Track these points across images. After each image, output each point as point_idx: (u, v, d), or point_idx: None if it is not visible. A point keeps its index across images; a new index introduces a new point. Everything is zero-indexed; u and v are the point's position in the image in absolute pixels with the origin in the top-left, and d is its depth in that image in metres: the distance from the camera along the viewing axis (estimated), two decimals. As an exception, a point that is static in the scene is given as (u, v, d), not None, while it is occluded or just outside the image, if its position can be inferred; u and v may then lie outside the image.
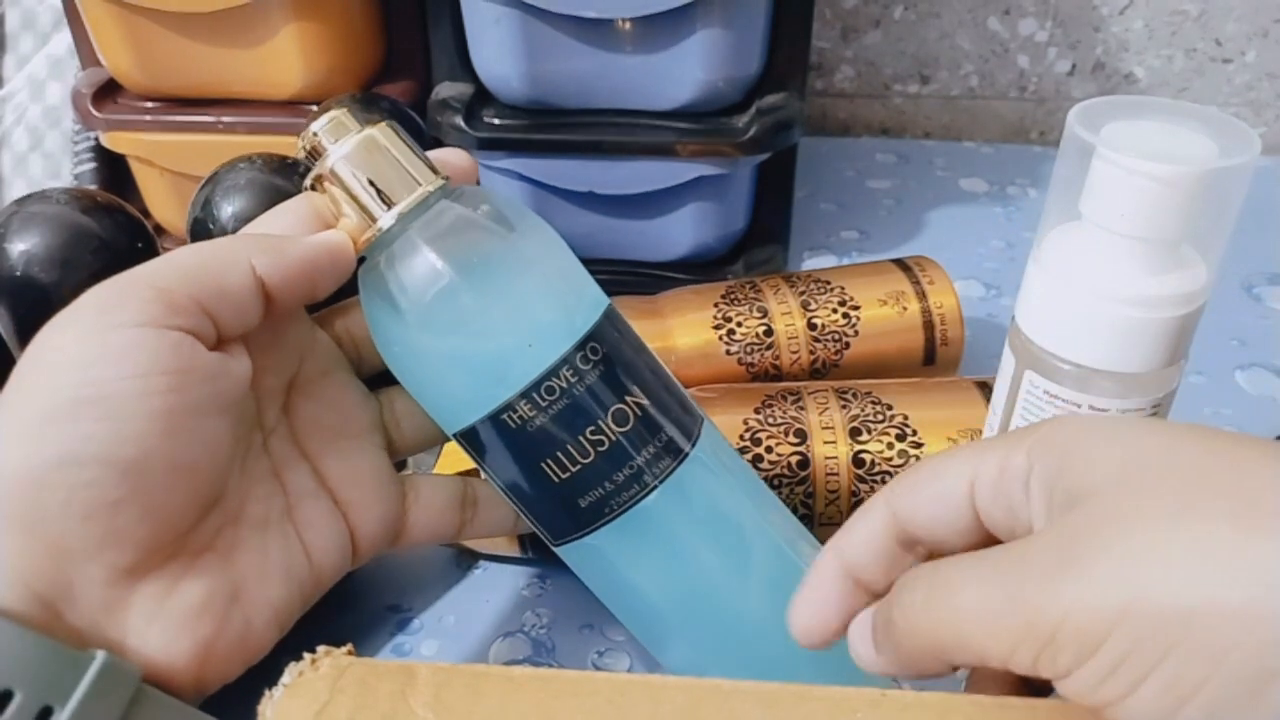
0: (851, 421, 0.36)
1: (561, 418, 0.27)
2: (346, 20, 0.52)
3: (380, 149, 0.28)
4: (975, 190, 0.64)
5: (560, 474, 0.27)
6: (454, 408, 0.28)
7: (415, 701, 0.20)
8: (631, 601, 0.30)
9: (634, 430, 0.27)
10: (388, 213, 0.28)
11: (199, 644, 0.26)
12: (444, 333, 0.27)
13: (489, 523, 0.34)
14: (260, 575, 0.28)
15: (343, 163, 0.28)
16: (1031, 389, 0.27)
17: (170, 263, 0.26)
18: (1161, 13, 0.66)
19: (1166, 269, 0.25)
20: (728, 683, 0.20)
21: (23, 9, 0.61)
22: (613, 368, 0.28)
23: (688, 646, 0.30)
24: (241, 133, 0.52)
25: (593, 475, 0.27)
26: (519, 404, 0.27)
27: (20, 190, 0.60)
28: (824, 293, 0.42)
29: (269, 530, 0.29)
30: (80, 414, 0.23)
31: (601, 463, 0.27)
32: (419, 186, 0.28)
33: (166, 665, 0.25)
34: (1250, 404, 0.45)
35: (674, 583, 0.29)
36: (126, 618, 0.25)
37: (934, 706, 0.19)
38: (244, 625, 0.27)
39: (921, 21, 0.69)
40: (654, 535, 0.28)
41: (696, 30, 0.45)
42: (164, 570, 0.25)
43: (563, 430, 0.27)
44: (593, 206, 0.50)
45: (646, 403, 0.28)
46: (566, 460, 0.27)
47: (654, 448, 0.28)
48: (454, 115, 0.48)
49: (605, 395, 0.27)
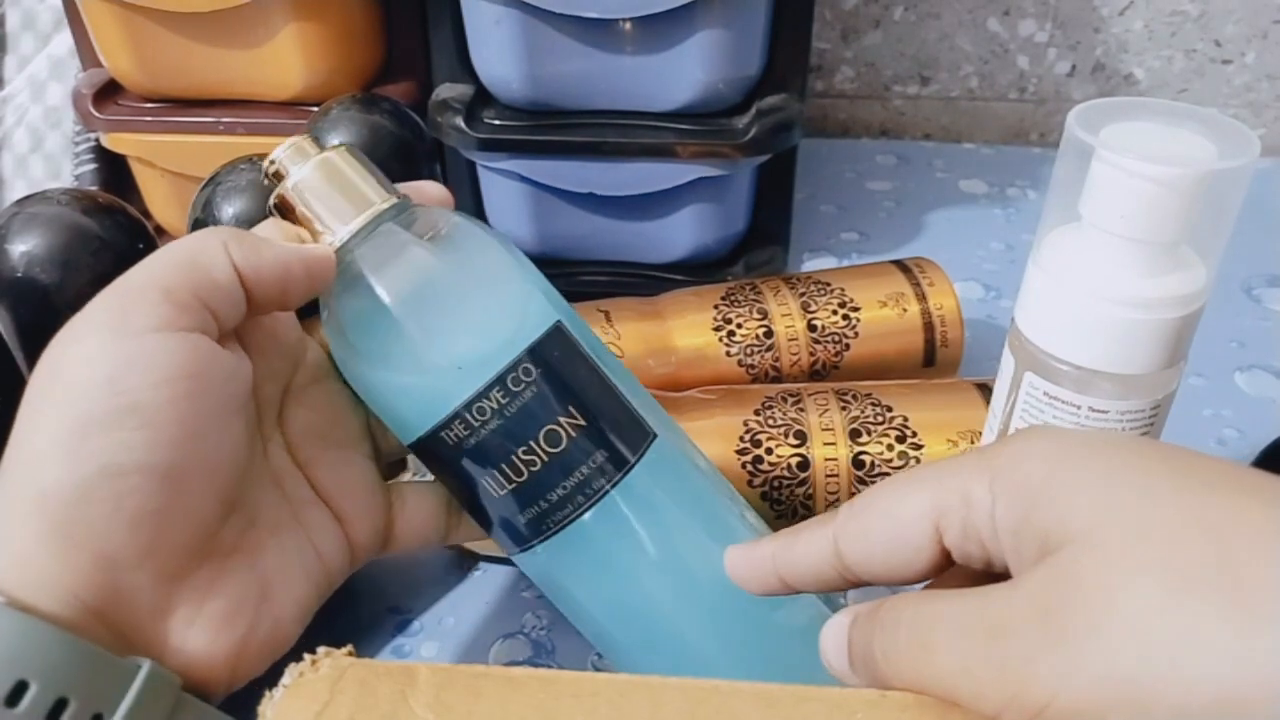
0: (851, 423, 0.36)
1: (494, 437, 0.28)
2: (347, 21, 0.52)
3: (336, 172, 0.29)
4: (975, 192, 0.64)
5: (498, 490, 0.28)
6: (398, 427, 0.29)
7: (415, 702, 0.20)
8: (580, 616, 0.31)
9: (567, 451, 0.28)
10: (336, 234, 0.29)
11: (235, 643, 0.26)
12: (376, 362, 0.28)
13: (474, 528, 0.34)
14: (284, 574, 0.28)
15: (299, 185, 0.29)
16: (1031, 390, 0.27)
17: (165, 262, 0.26)
18: (1161, 14, 0.66)
19: (1166, 270, 0.25)
20: (727, 683, 0.20)
21: (23, 9, 0.61)
22: (547, 388, 0.28)
23: (635, 664, 0.30)
24: (242, 134, 0.52)
25: (530, 492, 0.28)
26: (453, 424, 0.28)
27: (21, 191, 0.60)
28: (824, 294, 0.42)
29: (284, 532, 0.29)
30: (116, 423, 0.23)
31: (536, 481, 0.28)
32: (370, 206, 0.29)
33: (205, 666, 0.25)
34: (1250, 405, 0.45)
35: (615, 601, 0.29)
36: (169, 622, 0.25)
37: (934, 707, 0.19)
38: (274, 623, 0.28)
39: (921, 22, 0.69)
40: (590, 553, 0.29)
41: (696, 31, 0.45)
42: (200, 573, 0.26)
43: (496, 449, 0.28)
44: (593, 208, 0.50)
45: (583, 423, 0.28)
46: (502, 478, 0.28)
47: (587, 468, 0.28)
48: (454, 116, 0.48)
49: (540, 414, 0.28)
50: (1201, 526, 0.17)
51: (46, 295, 0.33)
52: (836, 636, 0.22)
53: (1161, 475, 0.18)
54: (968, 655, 0.18)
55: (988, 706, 0.18)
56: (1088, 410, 0.26)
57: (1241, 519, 0.17)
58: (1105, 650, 0.17)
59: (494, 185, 0.51)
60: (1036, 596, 0.18)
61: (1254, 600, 0.16)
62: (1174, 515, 0.17)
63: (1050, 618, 0.17)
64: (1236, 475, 0.18)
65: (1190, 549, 0.17)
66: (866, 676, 0.21)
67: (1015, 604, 0.18)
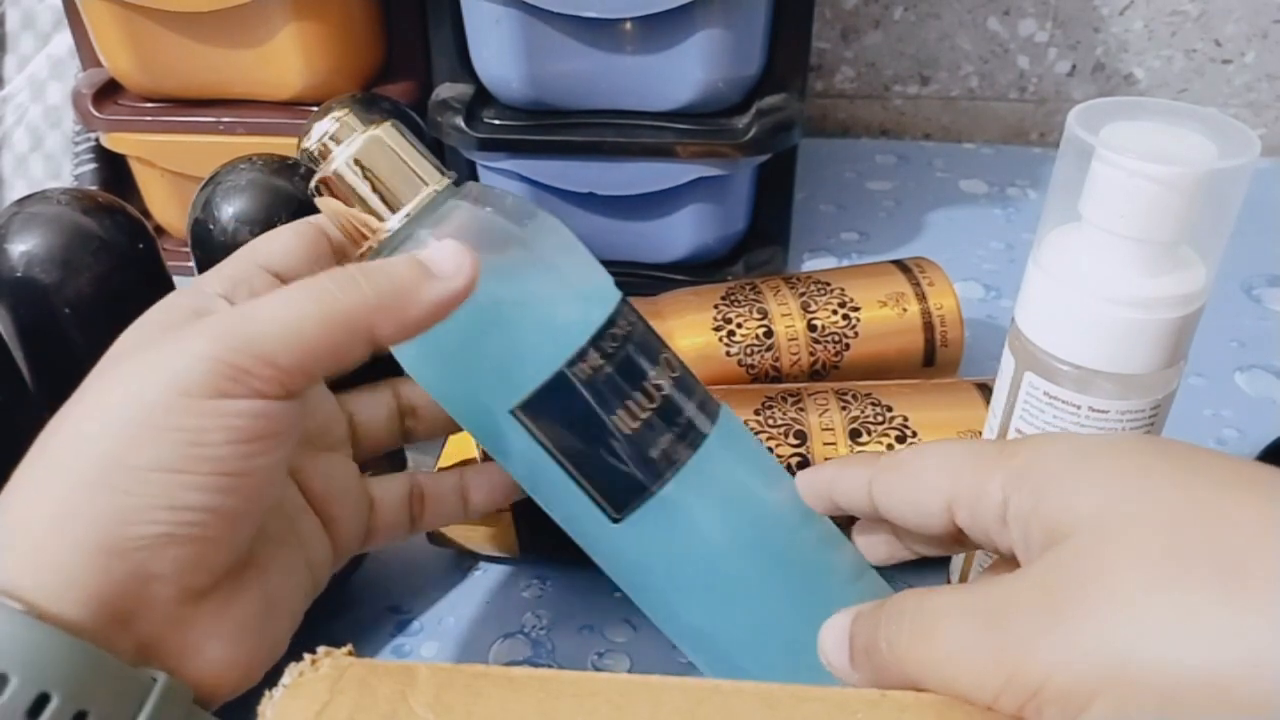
0: (852, 423, 0.36)
1: (625, 366, 0.27)
2: (347, 21, 0.52)
3: (385, 150, 0.27)
4: (975, 191, 0.64)
5: (631, 425, 0.27)
6: (513, 377, 0.27)
7: (415, 702, 0.20)
8: (701, 563, 0.29)
9: (679, 380, 0.28)
10: (394, 215, 0.27)
11: (246, 655, 0.26)
12: (506, 287, 0.27)
13: (438, 516, 0.34)
14: (286, 586, 0.29)
15: (347, 166, 0.27)
16: (1031, 390, 0.27)
17: (291, 331, 0.24)
18: (1161, 13, 0.66)
19: (1166, 270, 0.25)
20: (728, 683, 0.20)
21: (23, 9, 0.61)
22: (646, 332, 0.29)
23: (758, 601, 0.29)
24: (242, 133, 0.52)
25: (658, 423, 0.27)
26: (589, 352, 0.27)
27: (21, 191, 0.60)
28: (824, 294, 0.42)
29: (285, 544, 0.29)
30: (188, 468, 0.23)
31: (662, 410, 0.28)
32: (425, 187, 0.27)
33: (216, 676, 0.26)
34: (1250, 405, 0.45)
35: (743, 526, 0.29)
36: (188, 633, 0.25)
37: (934, 707, 0.19)
38: (276, 635, 0.28)
39: (921, 22, 0.69)
40: (717, 479, 0.29)
41: (696, 31, 0.45)
42: (221, 588, 0.26)
43: (627, 378, 0.27)
44: (593, 208, 0.50)
45: (677, 372, 0.29)
46: (636, 408, 0.27)
47: (695, 400, 0.28)
48: (454, 116, 0.48)
49: (651, 348, 0.28)
50: (1202, 517, 0.18)
51: (46, 295, 0.33)
52: (837, 633, 0.22)
53: (1165, 469, 0.19)
54: (968, 639, 0.19)
55: (985, 690, 0.18)
56: (1088, 410, 0.26)
57: (1241, 509, 0.17)
58: (1099, 632, 0.17)
59: (494, 185, 0.51)
60: (1038, 583, 0.18)
61: (1250, 586, 0.16)
62: (1175, 506, 0.18)
63: (1050, 602, 0.18)
64: (1238, 469, 0.19)
65: (1189, 537, 0.17)
66: (868, 670, 0.21)
67: (1018, 590, 0.19)
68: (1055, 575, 0.18)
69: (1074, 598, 0.18)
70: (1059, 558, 0.18)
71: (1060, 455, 0.20)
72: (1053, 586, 0.18)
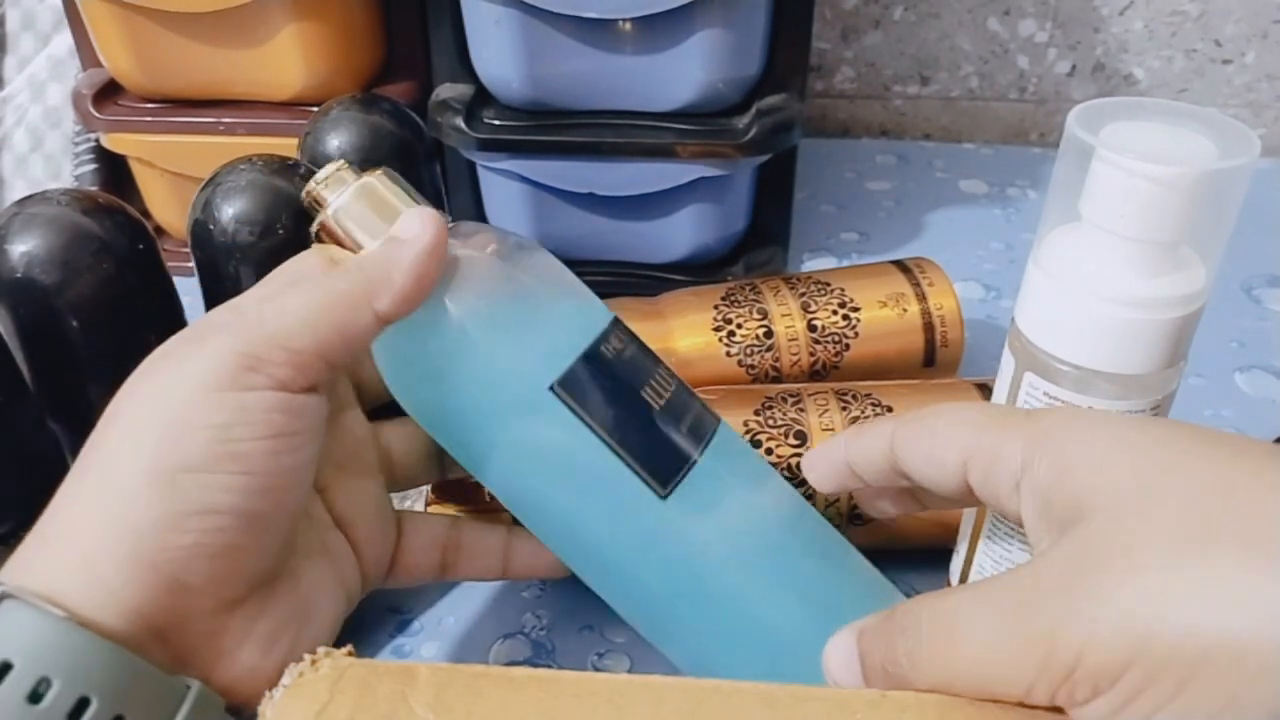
0: (852, 423, 0.36)
1: (641, 353, 0.30)
2: (347, 21, 0.52)
3: (376, 196, 0.29)
4: (975, 192, 0.64)
5: (660, 398, 0.29)
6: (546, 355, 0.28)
7: (415, 702, 0.20)
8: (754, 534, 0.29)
9: (680, 385, 0.31)
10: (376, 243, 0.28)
11: (277, 664, 0.26)
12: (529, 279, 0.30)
13: (473, 568, 0.34)
14: (320, 596, 0.29)
15: (340, 212, 0.29)
16: (1031, 390, 0.27)
17: (299, 319, 0.26)
18: (1161, 13, 0.66)
19: (1166, 270, 0.25)
20: (728, 683, 0.20)
21: (23, 10, 0.61)
22: (637, 350, 0.30)
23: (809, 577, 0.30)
24: (242, 134, 0.52)
25: (682, 398, 0.30)
26: (612, 333, 0.29)
27: (21, 191, 0.60)
28: (824, 294, 0.42)
29: (315, 557, 0.30)
30: (218, 468, 0.24)
31: (681, 390, 0.30)
32: None
33: (248, 684, 0.26)
34: (1250, 405, 0.45)
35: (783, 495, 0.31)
36: (221, 642, 0.26)
37: (934, 707, 0.19)
38: (313, 644, 0.28)
39: (921, 22, 0.69)
40: (743, 451, 0.31)
41: (696, 31, 0.45)
42: (253, 597, 0.27)
43: (647, 359, 0.30)
44: (593, 208, 0.50)
45: (673, 383, 0.30)
46: (660, 385, 0.30)
47: (697, 401, 0.31)
48: (454, 116, 0.48)
49: (643, 367, 0.30)
50: (1222, 490, 0.18)
51: (46, 295, 0.33)
52: (843, 653, 0.22)
53: (1185, 448, 0.19)
54: (994, 634, 0.19)
55: (1020, 682, 0.18)
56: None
57: (1259, 479, 0.18)
58: (1126, 605, 0.17)
59: (494, 185, 0.51)
60: (1063, 566, 0.19)
61: (1272, 552, 0.17)
62: (1197, 479, 0.18)
63: (1076, 583, 0.18)
64: (1253, 444, 0.19)
65: (1211, 508, 0.18)
66: (887, 687, 0.21)
67: (1043, 575, 0.19)
68: (1080, 557, 0.18)
69: (1100, 578, 0.18)
70: (1081, 540, 0.19)
71: (1083, 429, 0.21)
72: (1078, 569, 0.18)
